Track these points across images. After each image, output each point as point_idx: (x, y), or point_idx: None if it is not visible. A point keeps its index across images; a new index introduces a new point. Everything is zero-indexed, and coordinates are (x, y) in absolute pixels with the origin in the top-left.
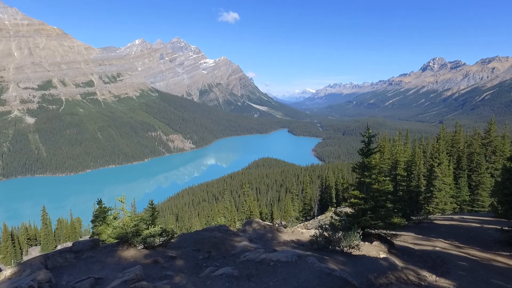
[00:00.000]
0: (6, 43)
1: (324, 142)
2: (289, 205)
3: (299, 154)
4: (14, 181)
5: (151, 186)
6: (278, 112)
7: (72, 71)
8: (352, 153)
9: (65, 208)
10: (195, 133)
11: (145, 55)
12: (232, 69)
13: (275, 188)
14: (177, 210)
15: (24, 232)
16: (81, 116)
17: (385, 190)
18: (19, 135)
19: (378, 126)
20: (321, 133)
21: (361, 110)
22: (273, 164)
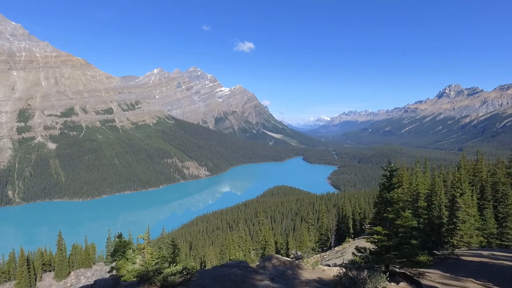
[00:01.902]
0: (35, 73)
1: (339, 170)
2: (305, 235)
3: (314, 182)
4: (33, 205)
5: (166, 213)
6: (293, 139)
7: (93, 99)
8: (368, 181)
9: (80, 233)
10: (210, 160)
11: (163, 84)
12: (247, 97)
13: (290, 217)
14: (191, 238)
15: (40, 257)
16: (100, 142)
17: (409, 225)
18: (40, 160)
19: (395, 154)
20: (337, 161)
21: (376, 137)
22: (288, 192)
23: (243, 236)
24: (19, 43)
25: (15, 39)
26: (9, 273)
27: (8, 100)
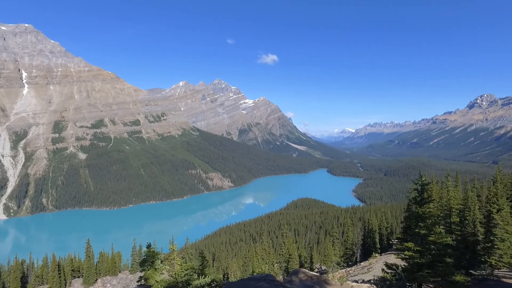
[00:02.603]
0: (69, 87)
1: (365, 183)
2: (330, 249)
3: (339, 195)
4: (64, 213)
5: (190, 223)
6: (317, 151)
7: (122, 111)
8: (395, 195)
9: (107, 241)
10: (234, 171)
11: (188, 96)
12: (271, 109)
13: (314, 230)
14: (214, 249)
15: (70, 263)
16: (127, 153)
17: (443, 242)
18: (72, 170)
19: (423, 167)
20: (362, 173)
21: (403, 149)
22: (312, 205)
23: (267, 249)
24: (56, 59)
25: (53, 56)
26: (42, 277)
27: (45, 113)
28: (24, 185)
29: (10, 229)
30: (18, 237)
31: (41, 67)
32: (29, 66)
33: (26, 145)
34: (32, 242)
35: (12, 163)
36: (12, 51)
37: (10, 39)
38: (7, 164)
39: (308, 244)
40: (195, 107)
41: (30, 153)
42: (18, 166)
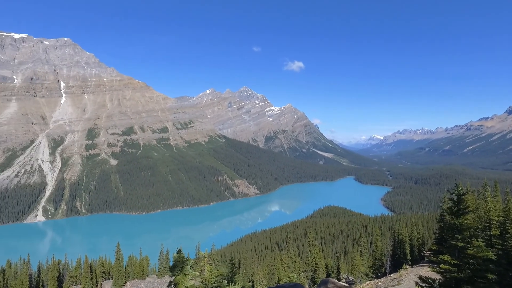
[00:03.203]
0: (102, 96)
1: (394, 191)
2: (358, 259)
3: (367, 204)
4: (96, 216)
5: (215, 229)
6: (344, 159)
7: (151, 119)
8: (426, 204)
9: (135, 245)
10: (260, 179)
11: (215, 104)
12: (297, 116)
13: (341, 239)
14: (239, 256)
15: (101, 265)
16: (155, 160)
17: (484, 256)
18: (103, 175)
19: (457, 175)
20: (391, 182)
21: (434, 157)
22: (339, 213)
23: (293, 257)
24: (91, 70)
25: (88, 67)
26: (76, 277)
27: (80, 121)
28: (60, 189)
29: (48, 230)
30: (54, 238)
31: (77, 78)
32: (67, 77)
33: (63, 151)
34: (67, 244)
35: (50, 168)
36: (53, 63)
37: (52, 53)
38: (46, 169)
39: (335, 253)
40: (222, 114)
41: (66, 158)
42: (56, 171)
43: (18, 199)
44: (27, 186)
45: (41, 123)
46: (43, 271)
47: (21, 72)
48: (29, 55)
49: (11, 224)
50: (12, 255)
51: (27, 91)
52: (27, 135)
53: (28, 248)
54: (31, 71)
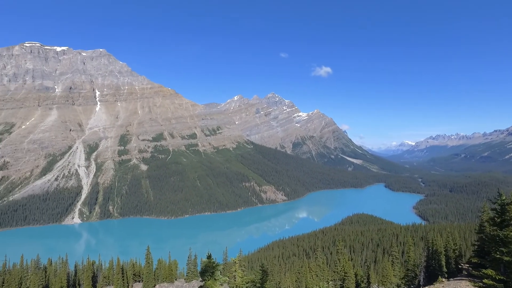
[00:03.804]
0: (134, 103)
1: (427, 199)
2: (389, 269)
3: (398, 212)
4: (127, 220)
5: (243, 235)
6: (373, 165)
7: (180, 125)
8: (463, 214)
9: (164, 249)
10: (288, 185)
11: (242, 110)
12: (325, 122)
13: (371, 248)
14: (266, 262)
15: (131, 267)
16: (184, 165)
17: None
18: (134, 180)
19: (497, 183)
20: (423, 189)
21: (471, 164)
22: (368, 221)
23: (321, 265)
24: (123, 78)
25: (121, 76)
26: (108, 278)
27: (113, 127)
28: (94, 193)
29: (83, 232)
30: (89, 240)
31: (111, 86)
32: (102, 86)
33: (97, 156)
34: (100, 245)
35: (86, 172)
36: (89, 73)
37: (88, 63)
38: (82, 173)
39: (364, 263)
40: (249, 120)
41: (100, 164)
42: (90, 175)
43: (57, 201)
44: (65, 190)
45: (78, 129)
46: (79, 271)
47: (61, 82)
48: (68, 66)
49: (51, 225)
50: (52, 254)
51: (66, 100)
52: (66, 141)
53: (66, 248)
54: (70, 81)
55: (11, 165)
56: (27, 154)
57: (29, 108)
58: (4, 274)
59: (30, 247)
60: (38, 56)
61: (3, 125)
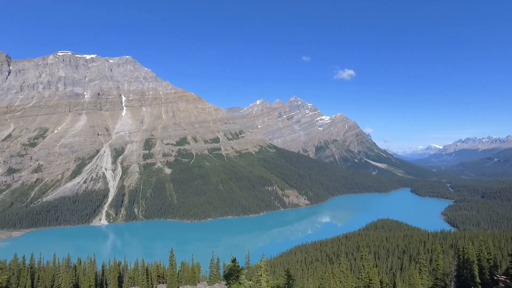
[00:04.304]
0: (158, 108)
1: (456, 205)
2: (416, 277)
3: (425, 217)
4: (152, 222)
5: (265, 239)
6: (399, 169)
7: (203, 129)
8: (498, 221)
9: (187, 252)
10: (310, 189)
11: (265, 114)
12: (349, 125)
13: (396, 254)
14: (289, 267)
15: (156, 269)
16: (207, 169)
17: None
18: (159, 183)
19: None
20: (452, 195)
21: (505, 168)
22: (393, 227)
23: (344, 271)
24: (148, 84)
25: (146, 81)
26: (134, 279)
27: (138, 132)
28: (120, 195)
29: (110, 233)
30: (115, 241)
31: (136, 92)
32: (127, 91)
33: (123, 160)
34: (126, 247)
35: (112, 175)
36: (116, 79)
37: (115, 70)
38: (109, 176)
39: (390, 270)
40: (272, 124)
41: (125, 167)
42: (117, 178)
43: (86, 203)
44: (93, 192)
45: (105, 134)
46: (106, 271)
47: (90, 88)
48: (97, 73)
49: (80, 226)
50: (81, 253)
51: (94, 106)
52: (94, 145)
53: (93, 248)
54: (98, 87)
55: (45, 168)
56: (59, 158)
57: (60, 113)
58: (39, 270)
59: (61, 246)
60: (69, 64)
61: (38, 130)
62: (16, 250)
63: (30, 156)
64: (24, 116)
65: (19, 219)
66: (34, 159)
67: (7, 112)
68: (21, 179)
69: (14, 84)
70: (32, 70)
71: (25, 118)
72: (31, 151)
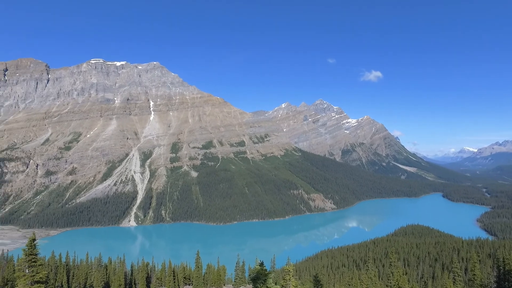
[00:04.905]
0: (185, 112)
1: (494, 212)
2: (451, 287)
3: (459, 224)
4: (178, 225)
5: (290, 243)
6: (429, 173)
7: (228, 133)
8: None
9: (213, 254)
10: (337, 193)
11: (290, 117)
12: (376, 128)
13: (427, 262)
14: (315, 272)
15: (182, 271)
16: (233, 172)
17: None
18: (185, 186)
19: None
20: (489, 200)
21: None
22: (424, 233)
23: (373, 278)
24: (175, 89)
25: (173, 86)
26: (161, 279)
27: (165, 135)
28: (148, 198)
29: (138, 234)
30: (143, 242)
31: (164, 97)
32: (155, 96)
33: (151, 163)
34: (153, 248)
35: (141, 178)
36: (144, 85)
37: (143, 76)
38: (138, 179)
39: (421, 278)
40: (297, 128)
41: (153, 170)
42: (145, 181)
43: (116, 205)
44: (123, 194)
45: (134, 138)
46: (135, 271)
47: (120, 94)
48: (126, 79)
49: (110, 227)
50: (111, 253)
51: (124, 110)
52: (123, 149)
53: (123, 249)
54: (127, 93)
55: (78, 171)
56: (91, 161)
57: (93, 118)
58: (73, 268)
59: (93, 246)
60: (101, 71)
61: (72, 135)
62: (53, 248)
63: (65, 159)
64: (60, 121)
65: (56, 218)
66: (68, 162)
67: (46, 118)
68: (57, 181)
69: (52, 91)
70: (67, 78)
71: (61, 123)
72: (66, 155)
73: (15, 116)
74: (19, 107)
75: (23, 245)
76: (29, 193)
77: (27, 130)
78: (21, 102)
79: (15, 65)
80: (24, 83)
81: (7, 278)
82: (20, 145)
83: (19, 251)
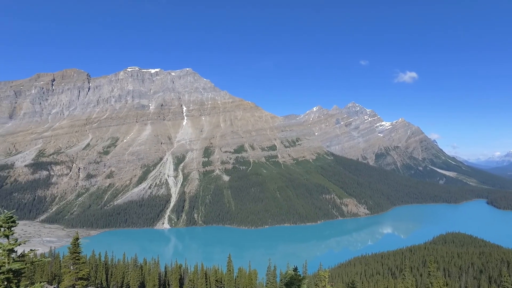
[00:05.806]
0: (216, 117)
1: None
2: None
3: (506, 234)
4: (210, 228)
5: (322, 249)
6: (471, 178)
7: (260, 137)
8: None
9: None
10: (370, 198)
11: (322, 121)
12: (411, 131)
13: (471, 273)
14: (347, 279)
15: (214, 274)
16: (264, 176)
17: None
18: (217, 190)
19: None
20: None
21: None
22: (466, 242)
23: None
24: (207, 94)
25: (205, 92)
26: (193, 282)
27: (198, 140)
28: (181, 201)
29: (172, 237)
30: (176, 244)
31: (196, 102)
32: (188, 102)
33: (184, 167)
34: (186, 250)
35: (174, 182)
36: (177, 90)
37: (176, 82)
38: (171, 183)
39: None
40: (329, 131)
41: (186, 174)
42: (178, 185)
43: (150, 207)
44: (157, 197)
45: (167, 142)
46: (168, 272)
47: (154, 100)
48: (160, 86)
49: (145, 229)
50: (146, 254)
51: (158, 116)
52: (158, 153)
53: (157, 250)
54: (161, 99)
55: (116, 174)
56: (127, 165)
57: (129, 124)
58: (112, 267)
59: (129, 247)
60: (137, 78)
61: (110, 140)
62: (93, 247)
63: (104, 163)
64: (99, 127)
65: (95, 219)
66: (107, 166)
67: (87, 124)
68: (97, 184)
69: (92, 99)
70: (106, 86)
71: (100, 129)
72: (104, 159)
73: (60, 122)
74: (64, 114)
75: (67, 243)
76: (72, 195)
77: (71, 135)
78: (66, 109)
79: (61, 75)
80: (68, 91)
81: (54, 273)
82: (65, 149)
83: (65, 249)
